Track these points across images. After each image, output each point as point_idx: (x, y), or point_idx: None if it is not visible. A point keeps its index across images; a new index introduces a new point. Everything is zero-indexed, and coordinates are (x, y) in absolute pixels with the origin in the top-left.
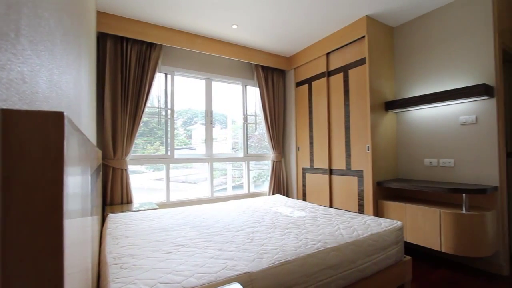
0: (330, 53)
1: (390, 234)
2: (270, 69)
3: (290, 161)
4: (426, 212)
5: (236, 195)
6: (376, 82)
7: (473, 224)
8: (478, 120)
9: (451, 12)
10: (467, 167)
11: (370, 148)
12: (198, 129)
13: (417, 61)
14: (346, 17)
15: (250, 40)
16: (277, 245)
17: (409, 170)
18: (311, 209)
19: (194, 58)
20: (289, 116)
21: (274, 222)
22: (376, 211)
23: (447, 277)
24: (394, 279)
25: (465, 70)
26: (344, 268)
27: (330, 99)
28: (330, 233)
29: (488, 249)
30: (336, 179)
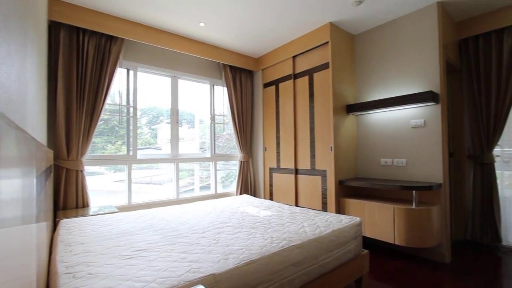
0: (296, 56)
1: (350, 230)
2: (238, 69)
3: (257, 161)
4: (382, 208)
5: (204, 196)
6: (338, 86)
7: (422, 218)
8: (426, 123)
9: (404, 25)
10: (417, 166)
11: (333, 148)
12: (164, 128)
13: (374, 68)
14: (311, 22)
15: (218, 39)
16: (243, 245)
17: (367, 169)
18: (277, 208)
19: (159, 54)
20: (256, 116)
21: (240, 222)
22: (338, 209)
23: (400, 267)
24: (353, 272)
25: (415, 78)
26: (307, 264)
27: (296, 101)
28: (294, 231)
29: (433, 240)
30: (301, 178)
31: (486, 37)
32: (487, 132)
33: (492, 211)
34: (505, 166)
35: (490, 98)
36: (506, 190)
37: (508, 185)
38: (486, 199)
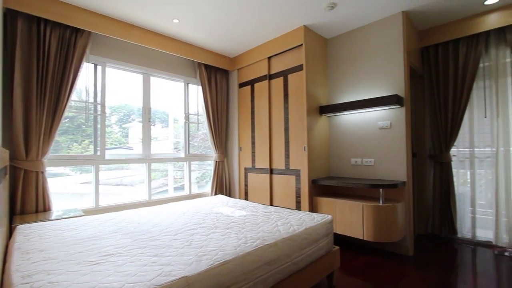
0: (271, 57)
1: (322, 227)
2: (214, 68)
3: (232, 161)
4: (352, 206)
5: (177, 197)
6: (312, 87)
7: (388, 214)
8: (392, 125)
9: (373, 31)
10: (384, 165)
11: (307, 148)
12: (135, 127)
13: (346, 71)
14: (286, 25)
15: (193, 37)
16: (217, 245)
17: (339, 169)
18: (252, 208)
19: (130, 50)
20: (232, 116)
21: (215, 223)
22: (311, 207)
23: (368, 262)
24: (324, 268)
25: (382, 82)
26: (280, 262)
27: (271, 102)
28: (269, 230)
29: (398, 234)
30: (276, 178)
31: (444, 46)
32: (445, 133)
33: (449, 207)
34: (460, 165)
35: (447, 103)
36: (461, 187)
37: (463, 183)
38: (444, 196)
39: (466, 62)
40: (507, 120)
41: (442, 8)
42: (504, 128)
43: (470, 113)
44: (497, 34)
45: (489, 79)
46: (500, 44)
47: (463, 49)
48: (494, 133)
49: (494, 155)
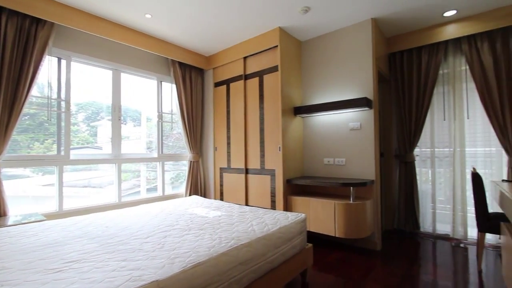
0: (247, 57)
1: (296, 226)
2: (188, 66)
3: (207, 161)
4: (325, 204)
5: (150, 199)
6: (286, 88)
7: (358, 211)
8: (361, 126)
9: (345, 36)
10: (354, 165)
11: (281, 148)
12: (104, 126)
13: (319, 74)
14: (262, 25)
15: (166, 34)
16: (190, 247)
17: (312, 168)
18: (227, 208)
19: (99, 44)
20: (207, 115)
21: (189, 224)
22: (286, 206)
23: (340, 258)
24: (298, 266)
25: (353, 85)
26: (255, 262)
27: (247, 102)
28: (243, 230)
29: (367, 230)
30: (251, 178)
31: (409, 53)
32: (409, 135)
33: (413, 203)
34: (423, 164)
35: (411, 106)
36: (423, 184)
37: (425, 181)
38: (408, 193)
39: (427, 68)
40: (463, 123)
41: (406, 18)
42: (460, 130)
43: (431, 116)
44: (455, 43)
45: (447, 85)
46: (457, 53)
47: (425, 57)
48: (451, 135)
49: (452, 155)
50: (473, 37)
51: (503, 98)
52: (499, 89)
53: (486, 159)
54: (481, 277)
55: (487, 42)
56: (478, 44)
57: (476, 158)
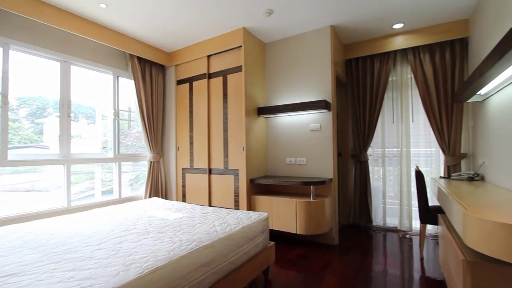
0: (211, 56)
1: (258, 225)
2: (148, 62)
3: (169, 161)
4: (286, 203)
5: (105, 202)
6: (250, 89)
7: (317, 208)
8: (321, 127)
9: (307, 40)
10: (314, 164)
11: (245, 148)
12: (53, 123)
13: (282, 75)
14: (226, 25)
15: (124, 26)
16: (148, 252)
17: (275, 168)
18: (189, 209)
19: (44, 32)
20: (168, 114)
21: (147, 227)
22: (249, 206)
23: (300, 254)
24: (261, 264)
25: (313, 88)
26: (217, 263)
27: (211, 101)
28: (205, 231)
29: (326, 226)
30: (215, 178)
31: (363, 60)
32: (364, 136)
33: (366, 199)
34: (375, 163)
35: (365, 109)
36: (376, 182)
37: (377, 178)
38: (363, 190)
39: (379, 75)
40: (408, 126)
41: (361, 27)
42: (406, 132)
43: (382, 119)
44: (402, 54)
45: (396, 91)
46: (404, 63)
47: (377, 64)
48: (399, 136)
49: (399, 154)
50: (417, 48)
51: (441, 105)
52: (437, 96)
53: (427, 158)
54: (423, 264)
55: (428, 54)
56: (421, 55)
57: (419, 158)
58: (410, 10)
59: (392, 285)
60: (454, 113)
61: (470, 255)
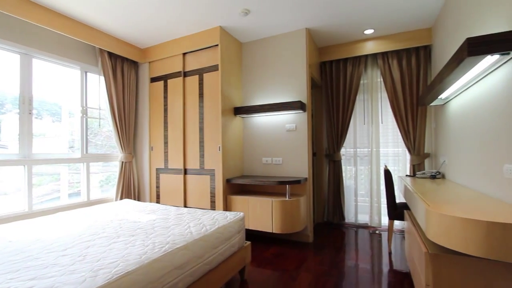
0: (186, 54)
1: (234, 225)
2: (120, 57)
3: (142, 161)
4: (263, 202)
5: (72, 205)
6: (227, 88)
7: (293, 207)
8: (297, 128)
9: (283, 42)
10: (290, 164)
11: (221, 148)
12: (11, 121)
13: (259, 75)
14: (202, 22)
15: (94, 19)
16: (119, 256)
17: (252, 168)
18: (163, 211)
19: (1, 22)
20: (142, 112)
21: (117, 231)
22: (226, 206)
23: (276, 252)
24: (237, 264)
25: (289, 89)
26: (192, 264)
27: (186, 100)
28: (180, 233)
29: (301, 224)
30: (190, 178)
31: (337, 63)
32: (337, 136)
33: (340, 197)
34: (348, 162)
35: (339, 110)
36: (348, 180)
37: (349, 177)
38: (336, 188)
39: (351, 78)
40: (378, 127)
41: (334, 31)
42: (376, 133)
43: (354, 120)
44: (372, 58)
45: (367, 93)
46: (374, 67)
47: (349, 67)
48: (369, 137)
49: (370, 154)
50: (386, 54)
51: (407, 107)
52: (404, 100)
53: (395, 158)
54: (391, 258)
55: (396, 59)
56: (389, 60)
57: (387, 157)
58: (379, 17)
59: (363, 279)
60: (418, 115)
61: (432, 248)
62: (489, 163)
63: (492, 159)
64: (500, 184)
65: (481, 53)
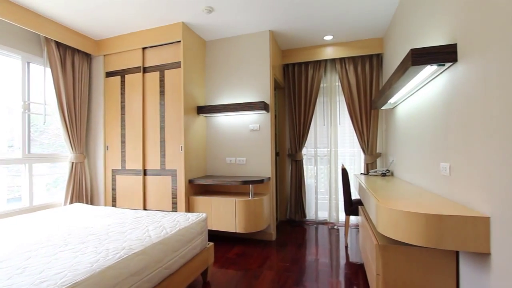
0: (146, 49)
1: (196, 226)
2: (71, 49)
3: (96, 162)
4: (226, 202)
5: (10, 212)
6: (189, 86)
7: (256, 206)
8: (260, 128)
9: (247, 42)
10: (254, 163)
11: (183, 148)
12: None
13: (223, 75)
14: (164, 17)
15: (38, 4)
16: (66, 266)
17: (215, 168)
18: (119, 215)
19: None
20: (95, 109)
21: (65, 238)
22: (188, 207)
23: (239, 252)
24: (199, 266)
25: (253, 89)
26: (150, 270)
27: (146, 97)
28: (137, 237)
29: (264, 223)
30: (150, 179)
31: (299, 66)
32: (299, 136)
33: (301, 196)
34: (309, 162)
35: (300, 111)
36: (309, 179)
37: (310, 176)
38: (298, 187)
39: (312, 81)
40: (336, 128)
41: (296, 35)
42: (334, 134)
43: (315, 121)
44: (331, 63)
45: (326, 96)
46: (333, 71)
47: (310, 71)
48: (328, 138)
49: (329, 154)
50: (343, 60)
51: (362, 110)
52: (359, 103)
53: (351, 157)
54: (347, 251)
55: (352, 65)
56: (346, 66)
57: (345, 157)
58: (337, 25)
59: (322, 272)
60: (372, 118)
61: (382, 240)
62: (428, 162)
63: (431, 158)
64: (437, 180)
65: (422, 63)
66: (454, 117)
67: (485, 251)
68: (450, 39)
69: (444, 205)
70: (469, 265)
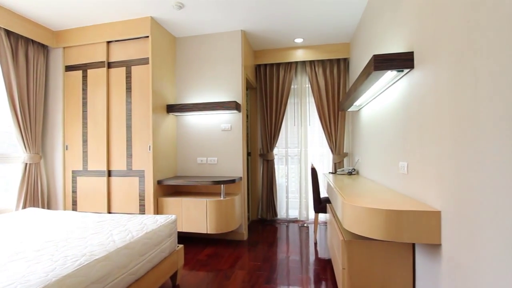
0: (112, 42)
1: (165, 229)
2: (24, 39)
3: (54, 163)
4: (197, 203)
5: None
6: (158, 84)
7: (228, 207)
8: (232, 128)
9: (219, 40)
10: (225, 163)
11: (152, 148)
12: None
13: (194, 73)
14: (131, 10)
15: None
16: (17, 277)
17: (186, 168)
18: (80, 219)
19: None
20: (53, 105)
21: (17, 247)
22: (157, 209)
23: (211, 253)
24: (168, 270)
25: (225, 88)
26: (113, 276)
27: (110, 94)
28: (100, 242)
29: (236, 223)
30: (115, 180)
31: (271, 67)
32: (270, 136)
33: (273, 195)
34: (280, 162)
35: (272, 112)
36: (280, 178)
37: (281, 175)
38: (269, 186)
39: (284, 82)
40: (306, 129)
41: (268, 37)
42: (304, 134)
43: (286, 122)
44: (302, 65)
45: (297, 97)
46: (303, 73)
47: (282, 72)
48: (299, 138)
49: (299, 153)
50: (313, 62)
51: (330, 112)
52: (328, 105)
53: (320, 157)
54: (316, 247)
55: (321, 68)
56: (316, 69)
57: (314, 156)
58: (306, 28)
59: (292, 269)
60: (339, 119)
61: (347, 236)
62: (389, 161)
63: (391, 157)
64: (396, 178)
65: (383, 69)
66: (411, 119)
67: (436, 242)
68: (408, 46)
69: (403, 201)
70: (423, 256)
